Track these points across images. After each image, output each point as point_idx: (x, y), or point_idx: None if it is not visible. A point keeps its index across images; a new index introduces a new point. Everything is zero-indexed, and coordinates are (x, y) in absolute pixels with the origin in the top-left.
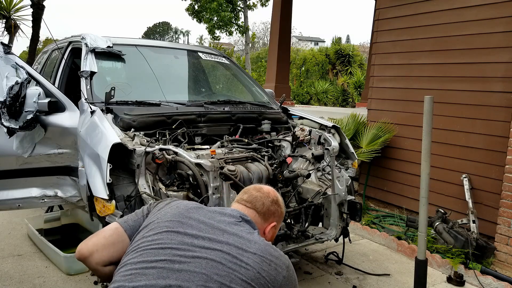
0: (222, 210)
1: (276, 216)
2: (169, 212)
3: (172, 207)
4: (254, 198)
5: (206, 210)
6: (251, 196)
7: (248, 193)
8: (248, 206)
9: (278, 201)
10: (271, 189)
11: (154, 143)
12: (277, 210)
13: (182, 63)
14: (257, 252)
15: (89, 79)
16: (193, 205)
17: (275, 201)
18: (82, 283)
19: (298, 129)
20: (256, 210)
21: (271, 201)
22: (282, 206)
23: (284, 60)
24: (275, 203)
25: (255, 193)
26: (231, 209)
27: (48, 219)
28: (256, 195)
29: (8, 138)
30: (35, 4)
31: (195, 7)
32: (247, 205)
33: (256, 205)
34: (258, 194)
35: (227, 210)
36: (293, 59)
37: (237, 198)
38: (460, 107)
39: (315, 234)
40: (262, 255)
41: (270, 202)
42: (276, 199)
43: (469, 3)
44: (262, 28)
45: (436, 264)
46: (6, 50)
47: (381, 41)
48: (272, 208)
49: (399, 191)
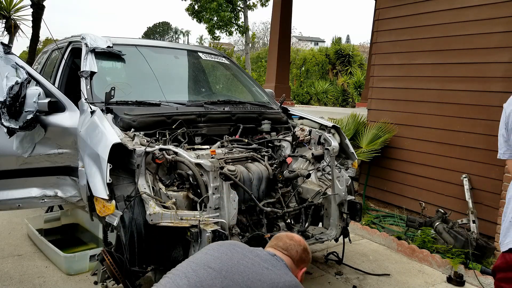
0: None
1: (306, 262)
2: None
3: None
4: (289, 246)
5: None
6: (285, 244)
7: (283, 241)
8: (285, 253)
9: (308, 249)
10: (301, 238)
11: (154, 143)
12: (307, 257)
13: (182, 63)
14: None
15: (89, 79)
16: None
17: (306, 250)
18: (82, 283)
19: (298, 129)
20: (291, 257)
21: (303, 249)
22: (310, 253)
23: (284, 60)
24: (306, 251)
25: (289, 241)
26: (271, 252)
27: (48, 219)
28: (290, 243)
29: (8, 138)
30: (35, 4)
31: (195, 7)
32: (284, 252)
33: (292, 253)
34: (292, 243)
35: (265, 254)
36: (293, 59)
37: (272, 244)
38: (460, 107)
39: (315, 234)
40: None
41: (302, 250)
42: (306, 248)
43: (469, 3)
44: (262, 28)
45: (436, 264)
46: (6, 50)
47: (381, 41)
48: (303, 256)
49: (399, 191)
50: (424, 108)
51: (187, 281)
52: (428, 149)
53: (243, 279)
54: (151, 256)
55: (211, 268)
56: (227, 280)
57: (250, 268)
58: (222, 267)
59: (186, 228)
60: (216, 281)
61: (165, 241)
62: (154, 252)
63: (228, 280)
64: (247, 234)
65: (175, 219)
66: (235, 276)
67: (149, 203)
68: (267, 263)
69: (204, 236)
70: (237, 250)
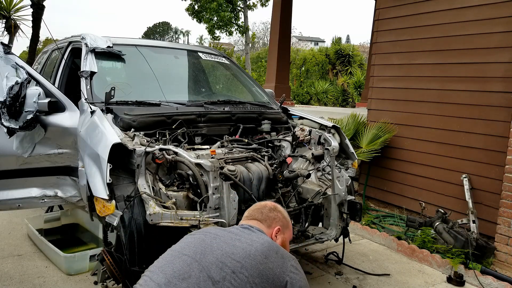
0: (238, 233)
1: (278, 221)
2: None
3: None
4: (253, 211)
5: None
6: (249, 210)
7: (249, 211)
8: (250, 219)
9: (277, 208)
10: (268, 201)
11: (154, 143)
12: (277, 215)
13: (182, 63)
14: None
15: (89, 79)
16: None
17: (273, 208)
18: (82, 283)
19: (298, 129)
20: (260, 221)
21: (269, 209)
22: (282, 212)
23: (284, 60)
24: (274, 210)
25: (254, 208)
26: (244, 225)
27: (48, 219)
28: (254, 209)
29: (8, 138)
30: (35, 4)
31: (195, 7)
32: (249, 218)
33: (259, 217)
34: (256, 207)
35: (236, 228)
36: (293, 59)
37: (243, 218)
38: (460, 107)
39: (315, 234)
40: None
41: (268, 210)
42: (274, 207)
43: (469, 3)
44: (262, 28)
45: (436, 264)
46: (6, 50)
47: (381, 41)
48: (271, 214)
49: (399, 191)
50: (424, 108)
51: (163, 275)
52: (428, 149)
53: (216, 256)
54: (151, 256)
55: (185, 255)
56: (202, 263)
57: (222, 245)
58: (196, 250)
59: (186, 228)
60: (192, 267)
61: (165, 241)
62: (154, 252)
63: (204, 263)
64: None
65: (175, 219)
66: (208, 256)
67: (149, 203)
68: (238, 236)
69: None
70: (210, 232)
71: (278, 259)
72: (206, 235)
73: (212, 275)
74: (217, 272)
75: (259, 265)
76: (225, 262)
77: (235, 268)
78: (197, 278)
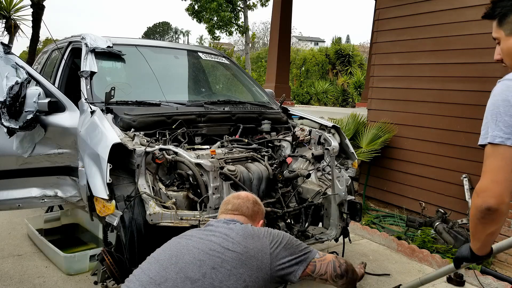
0: (213, 229)
1: (261, 214)
2: None
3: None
4: (238, 205)
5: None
6: (234, 204)
7: (231, 203)
8: (236, 214)
9: (257, 201)
10: (247, 193)
11: (154, 143)
12: (259, 209)
13: (182, 63)
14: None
15: (89, 79)
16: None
17: (255, 202)
18: (82, 283)
19: (298, 129)
20: (244, 215)
21: (253, 203)
22: (261, 204)
23: (284, 60)
24: (256, 203)
25: (236, 201)
26: (220, 220)
27: (48, 219)
28: (238, 202)
29: (8, 138)
30: (35, 4)
31: (195, 7)
32: (235, 213)
33: (243, 210)
34: (240, 201)
35: (218, 225)
36: (293, 59)
37: (222, 210)
38: (460, 107)
39: (315, 234)
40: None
41: (252, 204)
42: (255, 200)
43: (469, 3)
44: (262, 28)
45: (436, 264)
46: (6, 50)
47: (381, 41)
48: (255, 208)
49: (399, 191)
50: (424, 108)
51: (139, 283)
52: (428, 149)
53: (193, 255)
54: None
55: (161, 259)
56: (179, 264)
57: (198, 242)
58: (171, 254)
59: (186, 228)
60: (168, 270)
61: (165, 241)
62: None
63: (180, 264)
64: None
65: (175, 219)
66: (185, 257)
67: (149, 203)
68: (213, 231)
69: None
70: (187, 234)
71: (256, 242)
72: (182, 238)
73: (190, 274)
74: (195, 271)
75: (240, 256)
76: (203, 260)
77: (215, 264)
78: (173, 280)
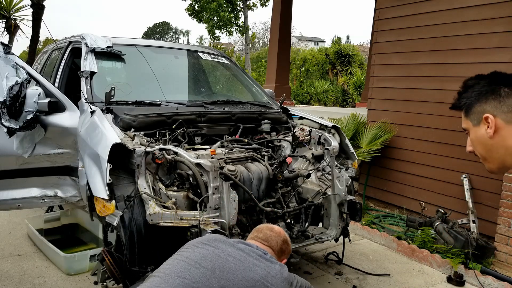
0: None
1: (286, 254)
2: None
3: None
4: (269, 237)
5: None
6: (266, 235)
7: (263, 233)
8: (266, 244)
9: (288, 241)
10: (281, 229)
11: (154, 143)
12: (287, 248)
13: (182, 63)
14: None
15: (89, 79)
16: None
17: (286, 241)
18: (82, 283)
19: (298, 129)
20: (272, 248)
21: (283, 241)
22: (290, 244)
23: (284, 60)
24: (286, 242)
25: (269, 232)
26: (253, 245)
27: (48, 219)
28: (270, 235)
29: (8, 138)
30: (35, 4)
31: (195, 7)
32: (265, 243)
33: (272, 244)
34: (272, 234)
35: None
36: (293, 59)
37: (253, 236)
38: None
39: (315, 234)
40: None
41: (281, 241)
42: (287, 239)
43: (469, 3)
44: (262, 28)
45: (436, 264)
46: (6, 50)
47: (381, 41)
48: (283, 247)
49: (399, 191)
50: (424, 108)
51: (181, 281)
52: (428, 149)
53: (237, 278)
54: (151, 256)
55: (203, 266)
56: (222, 281)
57: (239, 266)
58: (214, 265)
59: (186, 228)
60: (212, 281)
61: (165, 241)
62: (154, 252)
63: (224, 281)
64: (247, 234)
65: (175, 219)
66: (228, 275)
67: (149, 203)
68: (252, 258)
69: None
70: (221, 246)
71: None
72: (220, 250)
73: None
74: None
75: None
76: (247, 286)
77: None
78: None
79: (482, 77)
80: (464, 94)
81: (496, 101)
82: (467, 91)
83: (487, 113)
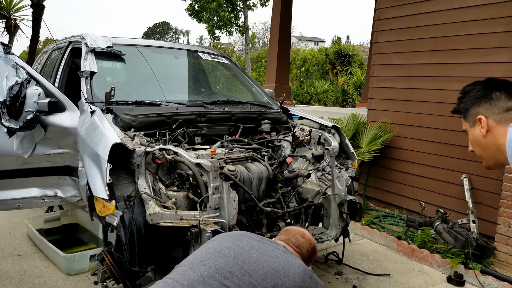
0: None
1: (312, 262)
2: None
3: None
4: (301, 243)
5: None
6: (297, 240)
7: (295, 238)
8: (296, 251)
9: (316, 248)
10: (312, 237)
11: (154, 143)
12: (314, 256)
13: (182, 63)
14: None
15: (89, 79)
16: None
17: (314, 249)
18: (82, 283)
19: (298, 129)
20: (302, 256)
21: (312, 248)
22: (317, 253)
23: (284, 60)
24: (314, 250)
25: (300, 239)
26: (281, 245)
27: (48, 219)
28: (302, 241)
29: (8, 138)
30: (35, 4)
31: (195, 7)
32: (296, 249)
33: (303, 251)
34: (303, 241)
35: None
36: (293, 59)
37: (284, 237)
38: None
39: (315, 234)
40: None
41: (311, 249)
42: (315, 246)
43: (469, 3)
44: (262, 28)
45: (436, 264)
46: (6, 50)
47: (381, 41)
48: (311, 254)
49: (399, 191)
50: (424, 108)
51: (206, 268)
52: (428, 149)
53: (259, 267)
54: (151, 256)
55: (226, 256)
56: (245, 268)
57: (262, 257)
58: (237, 255)
59: (186, 228)
60: (234, 269)
61: (165, 241)
62: (154, 252)
63: (246, 268)
64: None
65: (175, 219)
66: (250, 264)
67: (149, 203)
68: (275, 253)
69: (204, 236)
70: (245, 240)
71: (313, 284)
72: (243, 243)
73: (254, 282)
74: (259, 281)
75: (296, 287)
76: (267, 274)
77: (275, 284)
78: (239, 280)
79: (477, 84)
80: (462, 99)
81: (488, 103)
82: (465, 97)
83: (480, 115)
